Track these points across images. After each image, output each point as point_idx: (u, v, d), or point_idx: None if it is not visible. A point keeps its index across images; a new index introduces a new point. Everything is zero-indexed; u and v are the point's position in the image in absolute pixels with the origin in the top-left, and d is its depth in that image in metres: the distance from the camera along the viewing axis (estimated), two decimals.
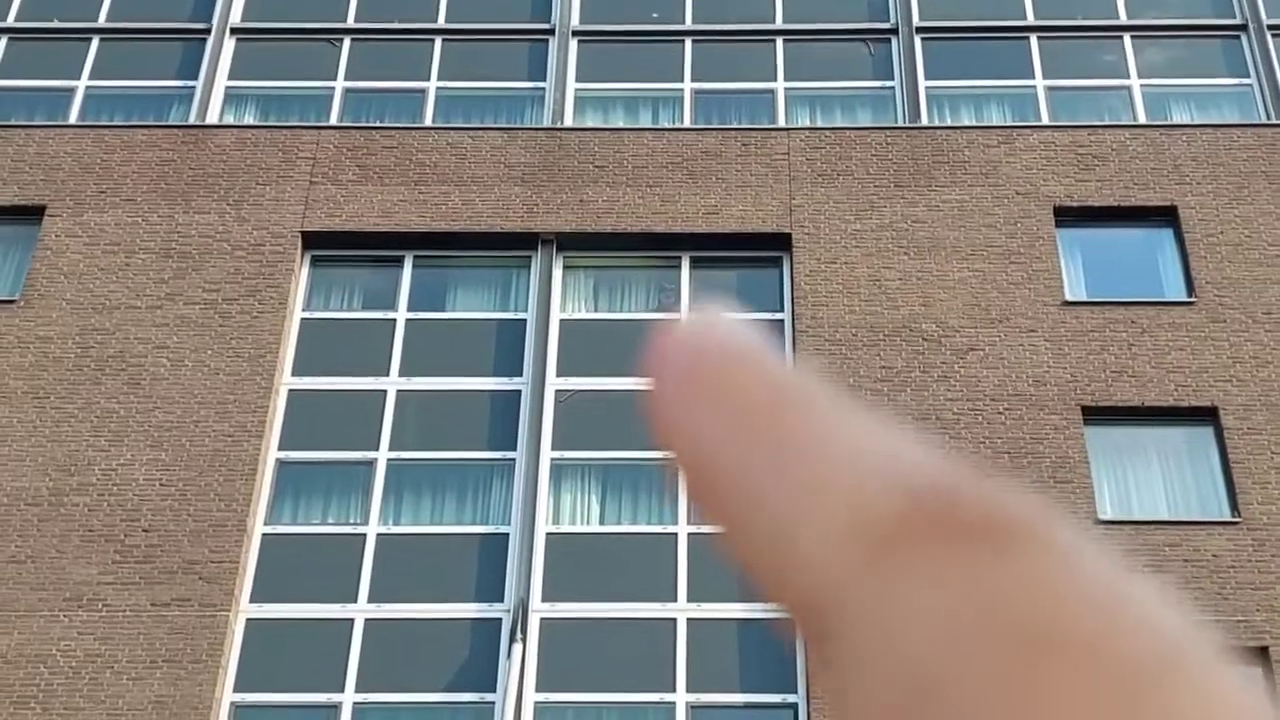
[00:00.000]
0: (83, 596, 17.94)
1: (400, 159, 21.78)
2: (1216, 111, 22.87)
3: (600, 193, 21.44)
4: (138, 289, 20.48)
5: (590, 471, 19.37)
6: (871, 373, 19.71)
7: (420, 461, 19.42)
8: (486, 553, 18.68)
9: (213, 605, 17.92)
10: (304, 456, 19.47)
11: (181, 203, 21.34)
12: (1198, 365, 19.77)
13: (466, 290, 21.03)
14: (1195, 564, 18.16)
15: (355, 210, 21.29)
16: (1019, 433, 19.17)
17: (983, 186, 21.43)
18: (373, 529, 18.88)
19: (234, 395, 19.53)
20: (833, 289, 20.48)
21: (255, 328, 20.13)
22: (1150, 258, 21.10)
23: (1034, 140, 21.90)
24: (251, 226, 21.09)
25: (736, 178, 21.57)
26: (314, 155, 21.77)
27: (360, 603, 18.32)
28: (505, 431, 19.60)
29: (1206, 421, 19.46)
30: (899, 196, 21.35)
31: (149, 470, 18.91)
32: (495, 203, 21.36)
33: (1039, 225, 21.05)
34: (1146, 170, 21.61)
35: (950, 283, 20.51)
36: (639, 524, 18.97)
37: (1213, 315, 20.22)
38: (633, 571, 18.50)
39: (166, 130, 22.16)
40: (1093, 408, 19.46)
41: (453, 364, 20.21)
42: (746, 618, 18.16)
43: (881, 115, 22.88)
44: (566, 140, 22.04)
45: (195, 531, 18.43)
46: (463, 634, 18.11)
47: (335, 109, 22.93)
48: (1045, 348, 19.91)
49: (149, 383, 19.63)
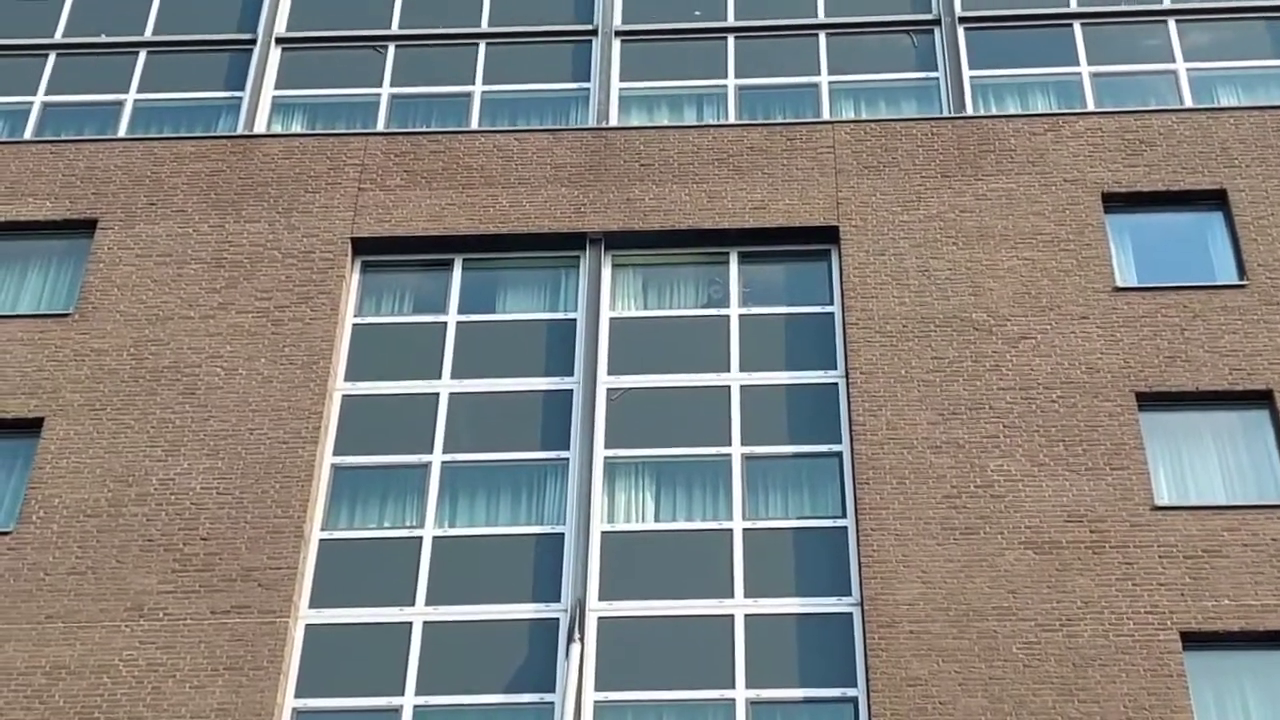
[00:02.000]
0: (143, 606, 18.10)
1: (447, 163, 21.88)
2: (1264, 93, 22.72)
3: (647, 191, 21.49)
4: (190, 299, 20.65)
5: (644, 469, 19.40)
6: (923, 364, 19.67)
7: (474, 463, 19.50)
8: (542, 553, 18.74)
9: (272, 612, 18.05)
10: (359, 461, 19.58)
11: (232, 212, 21.50)
12: (1251, 348, 19.64)
13: (516, 291, 21.11)
14: (1255, 548, 18.05)
15: (404, 215, 21.41)
16: (1073, 420, 19.09)
17: (1030, 174, 21.35)
18: (429, 531, 18.97)
19: (288, 402, 19.66)
20: (882, 280, 20.45)
21: (307, 334, 20.27)
22: (1200, 241, 20.98)
23: (1080, 127, 21.81)
24: (301, 234, 21.23)
25: (783, 172, 21.57)
26: (362, 161, 21.90)
27: (418, 606, 18.42)
28: (558, 431, 19.66)
29: (1262, 405, 19.35)
30: (946, 187, 21.31)
31: (206, 479, 19.06)
32: (543, 204, 21.44)
33: (1088, 212, 20.96)
34: (1194, 154, 21.49)
35: (1000, 271, 20.45)
36: (694, 520, 18.99)
37: (1265, 298, 20.09)
38: (689, 568, 18.52)
39: (215, 141, 22.34)
40: (1147, 393, 19.37)
41: (504, 365, 20.29)
42: (804, 612, 18.16)
43: (926, 106, 22.85)
44: (612, 139, 22.09)
45: (253, 538, 18.57)
46: (521, 635, 18.18)
47: (382, 115, 23.07)
48: (1097, 334, 19.83)
49: (204, 392, 19.79)
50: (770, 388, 19.92)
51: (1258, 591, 17.76)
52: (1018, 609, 17.73)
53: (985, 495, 18.55)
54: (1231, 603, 17.71)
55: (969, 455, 18.86)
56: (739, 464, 19.28)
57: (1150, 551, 18.06)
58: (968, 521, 18.36)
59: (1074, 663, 17.34)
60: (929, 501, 18.53)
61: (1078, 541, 18.15)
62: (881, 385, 19.49)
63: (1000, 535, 18.25)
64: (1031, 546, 18.15)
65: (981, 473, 18.73)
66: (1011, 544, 18.18)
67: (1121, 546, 18.10)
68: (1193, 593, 17.78)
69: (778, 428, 19.54)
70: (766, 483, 19.17)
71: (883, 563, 18.11)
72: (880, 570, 18.06)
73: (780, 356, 20.17)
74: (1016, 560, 18.07)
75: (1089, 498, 18.46)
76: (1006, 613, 17.71)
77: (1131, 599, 17.74)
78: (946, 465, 18.80)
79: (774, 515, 18.95)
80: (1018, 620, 17.65)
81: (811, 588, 18.31)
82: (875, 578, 18.01)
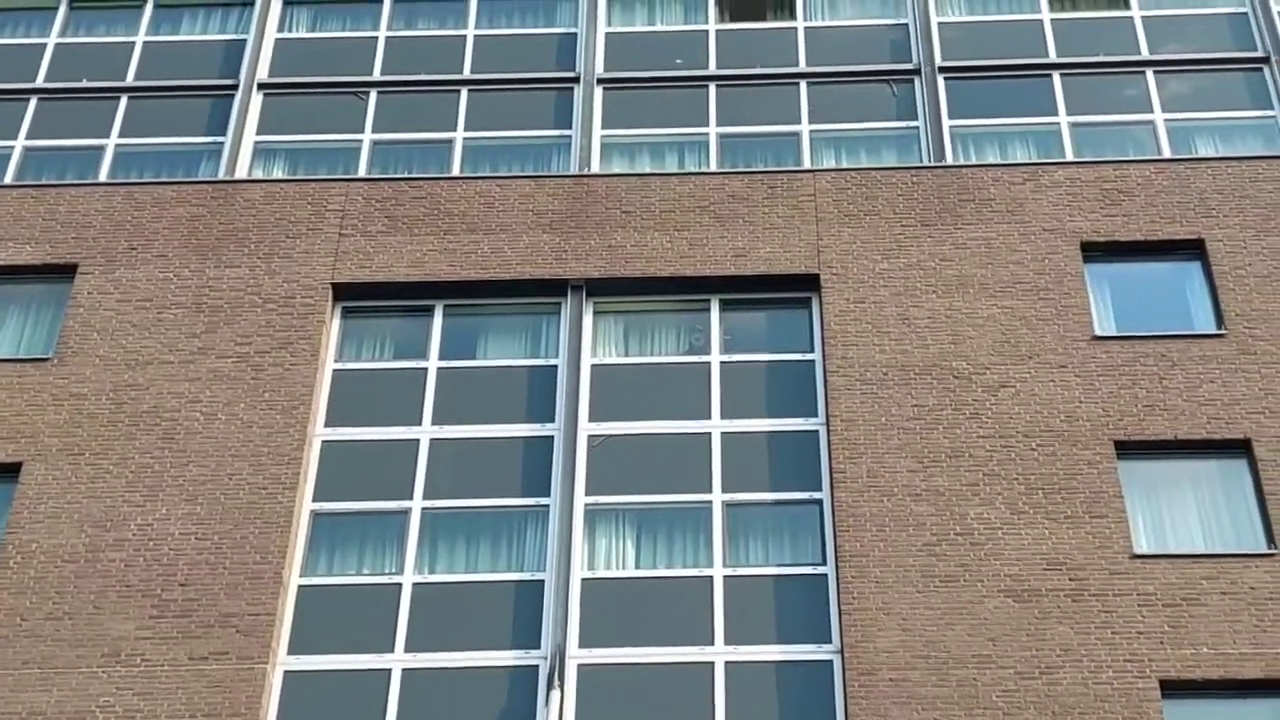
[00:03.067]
0: (121, 652, 18.00)
1: (429, 209, 21.93)
2: (1241, 144, 22.92)
3: (628, 238, 21.55)
4: (170, 344, 20.62)
5: (624, 516, 19.39)
6: (904, 411, 19.72)
7: (454, 509, 19.47)
8: (522, 600, 18.69)
9: (250, 658, 17.96)
10: (338, 507, 19.53)
11: (212, 257, 21.50)
12: (1229, 397, 19.74)
13: (497, 337, 21.13)
14: (1233, 596, 18.10)
15: (385, 261, 21.43)
16: (1052, 469, 19.15)
17: (1009, 224, 21.48)
18: (408, 578, 18.92)
19: (267, 448, 19.62)
20: (862, 329, 20.52)
21: (287, 380, 20.24)
22: (1179, 291, 21.11)
23: (1059, 177, 21.96)
24: (282, 279, 21.23)
25: (764, 220, 21.66)
26: (343, 207, 21.94)
27: (397, 652, 18.34)
28: (539, 477, 19.65)
29: (1240, 453, 19.42)
30: (926, 235, 21.42)
31: (184, 524, 18.99)
32: (524, 250, 21.49)
33: (1066, 261, 21.08)
34: (1172, 204, 21.65)
35: (979, 320, 20.54)
36: (674, 567, 18.97)
37: (1243, 347, 20.20)
38: (669, 615, 18.49)
39: (196, 186, 22.36)
40: (1125, 442, 19.45)
41: (485, 411, 20.28)
42: (785, 660, 18.13)
43: (906, 155, 22.99)
44: (594, 187, 22.17)
45: (231, 585, 18.49)
46: (500, 682, 18.11)
47: (363, 161, 23.13)
48: (1076, 383, 19.91)
49: (183, 437, 19.74)
50: (751, 435, 19.95)
51: (1236, 640, 17.79)
52: (997, 657, 17.73)
53: (965, 543, 18.58)
54: (1210, 651, 17.74)
55: (949, 503, 18.90)
56: (719, 511, 19.29)
57: (1129, 600, 18.10)
58: (948, 569, 18.38)
59: (1053, 711, 17.34)
60: (909, 549, 18.55)
61: (1057, 590, 18.18)
62: (862, 433, 19.53)
63: (980, 583, 18.27)
64: (1011, 595, 18.17)
65: (961, 520, 18.76)
66: (991, 592, 18.20)
67: (1100, 595, 18.13)
68: (1172, 641, 17.80)
69: (758, 475, 19.56)
70: (747, 530, 19.17)
71: (863, 610, 18.11)
72: (860, 618, 18.06)
73: (761, 404, 20.21)
74: (996, 608, 18.08)
75: (1068, 546, 18.50)
76: (986, 661, 17.71)
77: (1110, 647, 17.76)
78: (926, 513, 18.83)
79: (754, 562, 18.95)
80: (997, 668, 17.65)
81: (792, 635, 18.29)
82: (855, 625, 18.01)
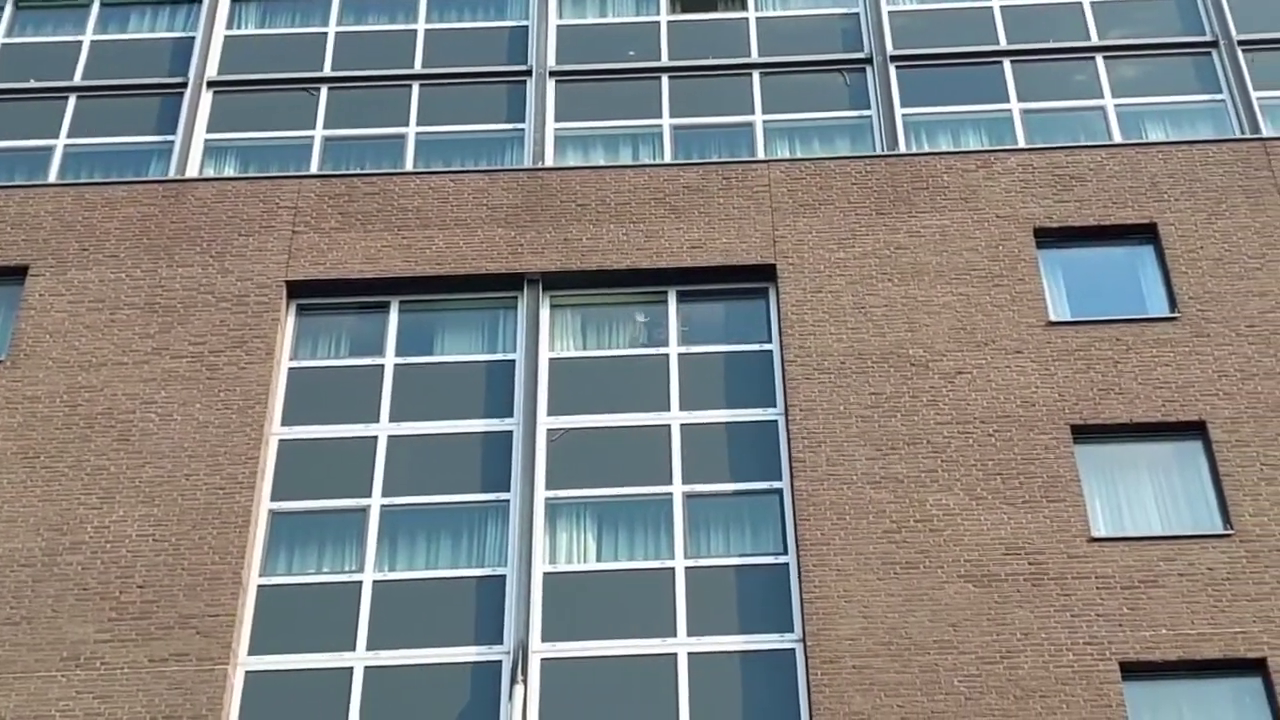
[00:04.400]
0: (80, 655, 17.87)
1: (382, 205, 21.84)
2: (1191, 128, 23.07)
3: (584, 231, 21.53)
4: (124, 345, 20.47)
5: (585, 509, 19.38)
6: (861, 399, 19.78)
7: (414, 506, 19.41)
8: (484, 595, 18.66)
9: (211, 659, 17.86)
10: (297, 506, 19.44)
11: (164, 257, 21.36)
12: (1184, 380, 19.88)
13: (454, 333, 21.06)
14: (1190, 578, 18.23)
15: (339, 258, 21.33)
16: (1010, 454, 19.24)
17: (963, 211, 21.56)
18: (369, 576, 18.85)
19: (224, 447, 19.51)
20: (819, 318, 20.56)
21: (243, 379, 20.13)
22: (1132, 275, 21.23)
23: (1012, 163, 22.05)
24: (236, 278, 21.11)
25: (719, 211, 21.68)
26: (296, 204, 21.82)
27: (359, 650, 18.28)
28: (498, 473, 19.61)
29: (1195, 435, 19.56)
30: (881, 224, 21.48)
31: (142, 526, 18.87)
32: (479, 245, 21.43)
33: (1020, 247, 21.17)
34: (1124, 189, 21.77)
35: (935, 307, 20.62)
36: (636, 560, 18.97)
37: (1196, 330, 20.34)
38: (631, 608, 18.49)
39: (147, 185, 22.20)
40: (1082, 426, 19.56)
41: (443, 407, 20.22)
42: (747, 650, 18.16)
43: (860, 144, 23.04)
44: (548, 180, 22.14)
45: (190, 586, 18.39)
46: (463, 678, 18.07)
47: (315, 158, 23.01)
48: (1032, 368, 20.00)
49: (138, 438, 19.61)
50: (710, 426, 19.96)
51: (1194, 621, 17.92)
52: (958, 642, 17.81)
53: (924, 529, 18.65)
54: (1169, 632, 17.87)
55: (908, 490, 18.96)
56: (680, 503, 19.30)
57: (1088, 583, 18.21)
58: (908, 556, 18.45)
59: (1015, 695, 17.43)
60: (869, 537, 18.61)
61: (1016, 574, 18.27)
62: (820, 422, 19.57)
63: (940, 569, 18.34)
64: (971, 580, 18.25)
65: (920, 507, 18.83)
66: (951, 577, 18.27)
67: (1059, 578, 18.23)
68: (1131, 623, 17.93)
69: (718, 466, 19.58)
70: (708, 521, 19.19)
71: (824, 599, 18.16)
72: (822, 606, 18.10)
73: (720, 395, 20.23)
74: (956, 594, 18.16)
75: (1027, 530, 18.59)
76: (947, 646, 17.79)
77: (1070, 630, 17.86)
78: (886, 500, 18.89)
79: (716, 553, 18.97)
80: (959, 653, 17.73)
81: (754, 625, 18.32)
82: (817, 614, 18.05)
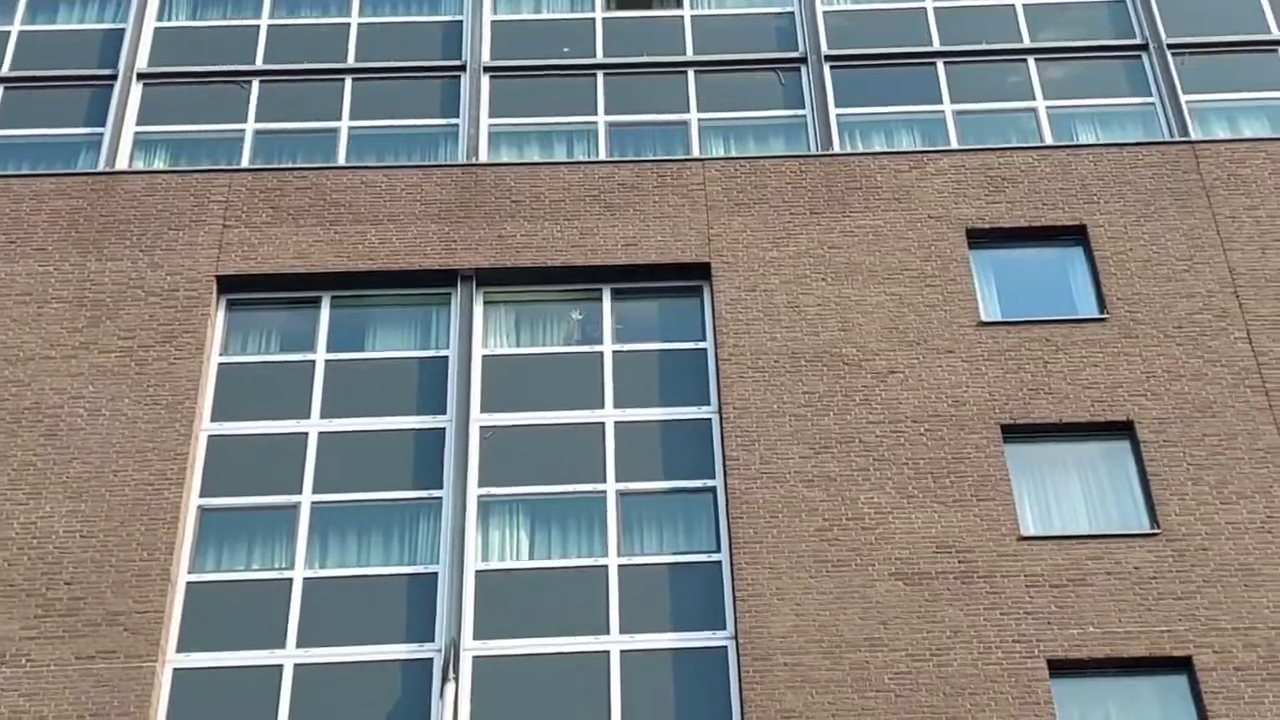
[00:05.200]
0: (5, 653, 17.66)
1: (314, 199, 21.70)
2: (1121, 131, 23.30)
3: (518, 227, 21.47)
4: (51, 339, 20.23)
5: (518, 507, 19.33)
6: (795, 398, 19.84)
7: (345, 503, 19.30)
8: (415, 593, 18.58)
9: (138, 656, 17.70)
10: (226, 503, 19.29)
11: (93, 250, 21.13)
12: (1112, 380, 20.08)
13: (386, 329, 20.96)
14: (1118, 576, 18.42)
15: (270, 252, 21.18)
16: (940, 453, 19.36)
17: (896, 211, 21.68)
18: (299, 573, 18.73)
19: (153, 443, 19.33)
20: (753, 316, 20.61)
21: (172, 374, 19.95)
22: (1062, 276, 21.42)
23: (944, 164, 22.20)
24: (165, 272, 20.91)
25: (654, 209, 21.68)
26: (226, 199, 21.64)
27: (289, 648, 18.16)
28: (430, 470, 19.53)
29: (1123, 435, 19.76)
30: (815, 223, 21.56)
31: (69, 522, 18.67)
32: (412, 240, 21.33)
33: (952, 248, 21.31)
34: (1055, 190, 21.96)
35: (868, 307, 20.72)
36: (569, 558, 18.95)
37: (1125, 331, 20.55)
38: (564, 606, 18.47)
39: (75, 178, 21.95)
40: (1011, 425, 19.71)
41: (375, 404, 20.12)
42: (680, 647, 18.18)
43: (794, 144, 23.11)
44: (482, 176, 22.06)
45: (118, 582, 18.21)
46: (394, 675, 18.00)
47: (246, 152, 22.82)
48: (963, 368, 20.14)
49: (66, 434, 19.39)
50: (644, 424, 19.97)
51: (1121, 619, 18.11)
52: (889, 640, 17.91)
53: (856, 528, 18.74)
54: (1096, 630, 18.05)
55: (840, 488, 19.05)
56: (614, 500, 19.29)
57: (1017, 581, 18.35)
58: (839, 554, 18.53)
59: (944, 692, 17.55)
60: (801, 535, 18.68)
61: (946, 572, 18.39)
62: (754, 420, 19.62)
63: (871, 567, 18.44)
64: (901, 578, 18.36)
65: (852, 505, 18.92)
66: (882, 575, 18.37)
67: (989, 576, 18.37)
68: (1059, 621, 18.09)
69: (652, 464, 19.59)
70: (641, 519, 19.20)
71: (757, 596, 18.21)
72: (754, 604, 18.15)
73: (654, 393, 20.24)
74: (887, 591, 18.26)
75: (957, 529, 18.72)
76: (878, 643, 17.88)
77: (999, 628, 18.00)
78: (818, 499, 18.97)
79: (649, 551, 18.98)
80: (889, 651, 17.83)
81: (687, 623, 18.34)
82: (749, 611, 18.10)
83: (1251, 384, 19.98)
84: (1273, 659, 17.75)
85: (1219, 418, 19.68)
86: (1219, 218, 21.60)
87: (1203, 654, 17.82)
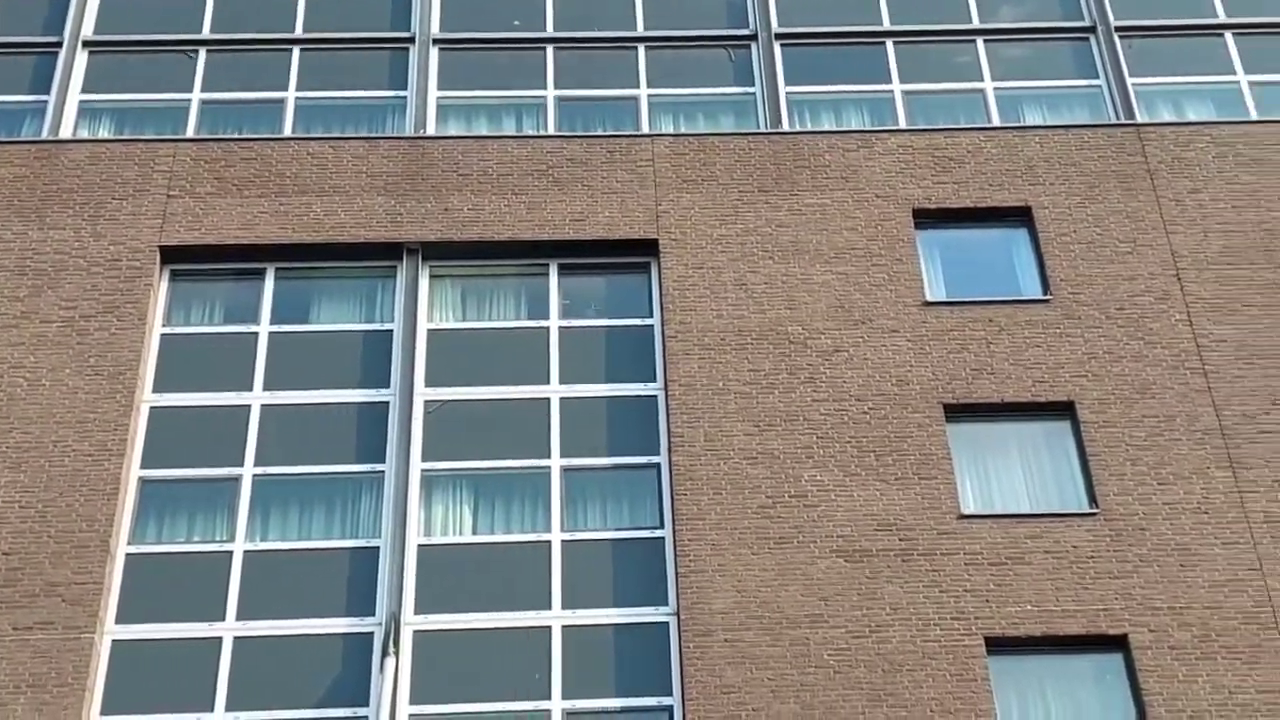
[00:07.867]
0: None
1: (260, 170, 21.56)
2: (1068, 113, 23.41)
3: (465, 201, 21.40)
4: None
5: (462, 482, 19.32)
6: (740, 376, 19.89)
7: (287, 476, 19.23)
8: (357, 566, 18.55)
9: (77, 628, 17.61)
10: (167, 474, 19.19)
11: (36, 219, 20.93)
12: (1054, 361, 20.21)
13: (331, 302, 20.87)
14: (1056, 555, 18.57)
15: (214, 223, 21.04)
16: (884, 431, 19.46)
17: (843, 190, 21.73)
18: (239, 546, 18.66)
19: (94, 414, 19.20)
20: (700, 294, 20.64)
21: (114, 345, 19.81)
22: (1006, 257, 21.53)
23: (892, 144, 22.25)
24: (108, 242, 20.75)
25: (602, 184, 21.65)
26: (171, 168, 21.48)
27: (229, 621, 18.11)
28: (374, 443, 19.48)
29: (1064, 416, 19.91)
30: (763, 201, 21.59)
31: (8, 492, 18.53)
32: (358, 213, 21.23)
33: (899, 227, 21.39)
34: (1001, 172, 22.06)
35: (814, 285, 20.77)
36: (512, 533, 18.95)
37: (1067, 312, 20.69)
38: (507, 581, 18.48)
39: (19, 146, 21.74)
40: (954, 405, 19.83)
41: (318, 377, 20.04)
42: (622, 623, 18.23)
43: (744, 121, 23.12)
44: (429, 149, 21.97)
45: (57, 553, 18.09)
46: (334, 649, 17.97)
47: (192, 121, 22.65)
48: (907, 348, 20.23)
49: (6, 403, 19.24)
50: (590, 400, 19.98)
51: (1059, 598, 18.26)
52: (829, 616, 18.01)
53: (799, 505, 18.82)
54: (1034, 608, 18.20)
55: (783, 466, 19.12)
56: (558, 476, 19.30)
57: (956, 559, 18.48)
58: (782, 531, 18.61)
59: (883, 669, 17.67)
60: (744, 512, 18.74)
61: (887, 550, 18.50)
62: (700, 397, 19.66)
63: (813, 544, 18.53)
64: (843, 555, 18.46)
65: (795, 483, 19.00)
66: (824, 552, 18.47)
67: (929, 554, 18.49)
68: (997, 599, 18.23)
69: (597, 440, 19.60)
70: (585, 494, 19.22)
71: (699, 573, 18.27)
72: (696, 580, 18.22)
73: (600, 369, 20.24)
74: (828, 568, 18.35)
75: (898, 507, 18.83)
76: (818, 620, 17.98)
77: (938, 605, 18.13)
78: (762, 476, 19.03)
79: (592, 527, 19.01)
80: (829, 628, 17.93)
81: (629, 598, 18.39)
82: (691, 588, 18.16)
83: (1191, 366, 20.16)
84: (1206, 638, 17.95)
85: (1158, 399, 19.86)
86: (1162, 200, 21.76)
87: (1138, 633, 18.01)
